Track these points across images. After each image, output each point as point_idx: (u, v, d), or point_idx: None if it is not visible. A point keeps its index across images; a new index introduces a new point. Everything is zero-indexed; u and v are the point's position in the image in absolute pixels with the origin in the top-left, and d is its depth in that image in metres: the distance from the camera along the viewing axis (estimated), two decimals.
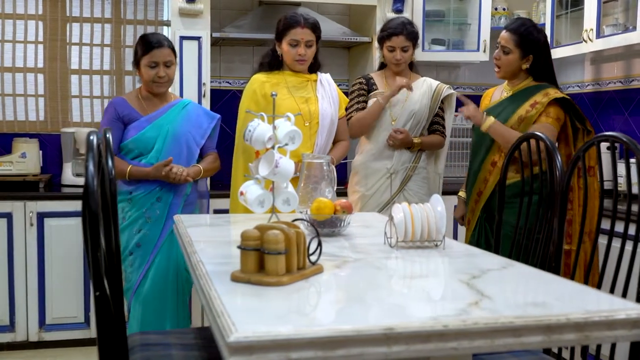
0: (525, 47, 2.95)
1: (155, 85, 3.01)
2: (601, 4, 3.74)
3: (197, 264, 1.72)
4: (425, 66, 4.52)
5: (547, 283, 1.61)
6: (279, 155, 1.87)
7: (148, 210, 2.99)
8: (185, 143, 3.04)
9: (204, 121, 3.14)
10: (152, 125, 3.00)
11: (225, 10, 4.31)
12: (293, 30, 2.98)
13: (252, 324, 1.20)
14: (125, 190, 3.01)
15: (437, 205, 1.98)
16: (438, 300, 1.43)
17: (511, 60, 2.97)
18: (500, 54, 3.00)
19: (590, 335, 1.30)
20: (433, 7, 4.45)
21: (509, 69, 3.00)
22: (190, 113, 3.10)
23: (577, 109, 2.91)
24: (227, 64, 4.47)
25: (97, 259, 1.44)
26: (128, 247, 2.99)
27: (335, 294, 1.50)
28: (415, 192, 3.44)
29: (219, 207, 3.83)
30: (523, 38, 2.95)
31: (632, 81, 4.04)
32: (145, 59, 2.97)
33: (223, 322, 1.20)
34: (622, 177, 3.44)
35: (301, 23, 2.98)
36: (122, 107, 3.01)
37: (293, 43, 2.99)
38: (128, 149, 3.00)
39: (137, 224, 2.99)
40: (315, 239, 1.64)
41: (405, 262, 1.80)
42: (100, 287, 1.44)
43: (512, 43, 2.96)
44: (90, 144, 1.51)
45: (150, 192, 3.00)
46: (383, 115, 3.42)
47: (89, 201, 1.42)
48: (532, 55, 2.97)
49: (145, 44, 2.99)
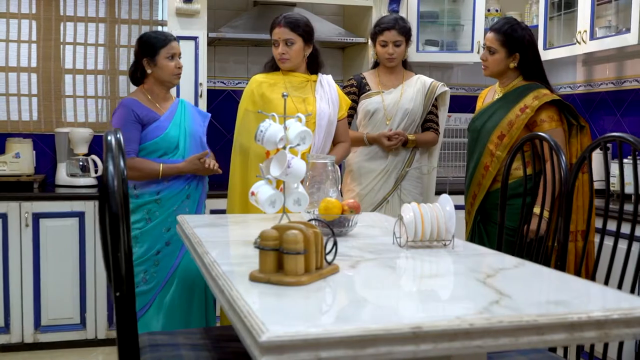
0: (510, 46, 2.98)
1: (175, 78, 3.06)
2: (595, 6, 3.79)
3: (211, 264, 1.72)
4: (419, 67, 4.54)
5: (562, 281, 1.63)
6: (291, 155, 1.88)
7: (178, 209, 2.99)
8: (199, 140, 3.11)
9: (201, 119, 3.21)
10: (172, 123, 3.03)
11: (220, 10, 4.31)
12: (273, 30, 3.06)
13: (280, 323, 1.20)
14: (153, 190, 2.98)
15: (446, 205, 1.99)
16: (460, 299, 1.44)
17: (497, 60, 3.00)
18: (487, 55, 3.03)
19: (609, 332, 1.32)
20: (427, 8, 4.48)
21: (495, 69, 3.03)
22: (191, 111, 3.16)
23: (570, 107, 2.93)
24: (221, 64, 4.47)
25: (117, 260, 1.43)
26: (155, 246, 2.98)
27: (357, 294, 1.51)
28: (410, 191, 3.47)
29: (215, 207, 3.82)
30: (507, 37, 2.97)
31: (624, 82, 4.09)
32: (164, 51, 2.99)
33: (252, 322, 1.21)
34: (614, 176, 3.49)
35: (278, 23, 3.04)
36: (138, 108, 2.99)
37: (274, 43, 3.04)
38: (151, 149, 2.99)
39: (167, 223, 2.98)
40: (331, 239, 1.65)
41: (418, 261, 1.82)
42: (120, 287, 1.44)
43: (497, 43, 2.99)
44: (109, 144, 1.50)
45: (181, 190, 3.01)
46: (377, 114, 3.45)
47: (109, 202, 1.42)
48: (519, 53, 2.99)
49: (160, 37, 3.02)
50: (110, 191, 1.42)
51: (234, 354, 2.05)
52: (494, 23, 3.15)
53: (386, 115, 3.45)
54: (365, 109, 3.47)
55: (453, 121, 4.65)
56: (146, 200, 2.98)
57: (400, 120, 3.44)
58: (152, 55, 3.00)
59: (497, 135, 2.92)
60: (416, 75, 3.56)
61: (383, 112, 3.45)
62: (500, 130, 2.92)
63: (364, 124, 3.51)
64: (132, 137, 2.94)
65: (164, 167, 2.97)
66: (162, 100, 3.09)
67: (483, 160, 2.97)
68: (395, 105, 3.44)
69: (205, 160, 2.99)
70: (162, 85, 3.06)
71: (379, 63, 3.55)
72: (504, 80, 3.06)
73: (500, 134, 2.92)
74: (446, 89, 3.52)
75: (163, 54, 2.99)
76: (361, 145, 3.47)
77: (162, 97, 3.09)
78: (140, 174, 2.96)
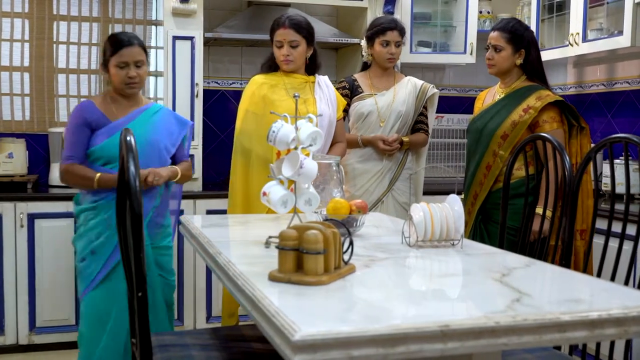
0: (516, 42, 3.03)
1: (127, 87, 2.84)
2: (587, 9, 3.84)
3: (227, 264, 1.72)
4: (411, 68, 4.58)
5: (575, 280, 1.65)
6: (303, 156, 1.89)
7: (110, 217, 2.78)
8: (156, 151, 2.87)
9: (175, 128, 2.98)
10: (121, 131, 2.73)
11: (214, 10, 4.30)
12: (277, 31, 3.03)
13: (311, 322, 1.21)
14: (90, 199, 2.83)
15: (454, 204, 2.01)
16: (482, 298, 1.46)
17: (504, 57, 3.04)
18: (493, 54, 3.06)
19: (629, 329, 1.34)
20: (420, 10, 4.51)
21: (503, 66, 3.06)
22: (161, 119, 2.94)
23: (571, 108, 2.98)
24: (215, 65, 4.46)
25: (140, 260, 1.44)
26: (82, 253, 2.84)
27: (378, 293, 1.52)
28: (403, 191, 3.50)
29: (212, 208, 3.82)
30: (512, 34, 3.03)
31: (615, 84, 4.15)
32: (114, 59, 2.80)
33: (282, 322, 1.21)
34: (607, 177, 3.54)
35: (283, 24, 3.02)
36: (89, 111, 2.83)
37: (278, 44, 3.03)
38: (96, 156, 2.81)
39: (97, 230, 2.81)
40: (347, 239, 1.66)
41: (430, 261, 1.83)
42: (142, 288, 1.44)
43: (502, 40, 3.03)
44: (129, 145, 1.50)
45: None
46: (371, 116, 3.47)
47: (132, 202, 1.42)
48: (524, 49, 3.04)
49: (114, 43, 2.81)
50: (133, 191, 1.42)
51: (243, 353, 2.05)
52: (495, 23, 3.19)
53: (380, 117, 3.47)
54: (359, 111, 3.49)
55: (445, 122, 4.68)
56: (83, 207, 2.85)
57: (394, 122, 3.46)
58: (105, 62, 2.87)
59: (501, 135, 2.96)
60: (406, 77, 3.59)
61: (377, 114, 3.47)
62: (503, 131, 2.96)
63: (357, 126, 3.52)
64: (76, 142, 2.80)
65: (101, 176, 2.78)
66: (125, 105, 2.90)
67: (485, 160, 3.00)
68: (389, 108, 3.46)
69: (147, 177, 2.76)
70: (119, 91, 2.89)
71: (368, 65, 3.58)
72: (507, 80, 3.09)
73: (504, 134, 2.95)
74: (436, 90, 3.56)
75: (113, 62, 2.81)
76: (355, 147, 3.48)
77: (126, 102, 2.90)
78: (75, 181, 2.82)
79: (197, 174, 3.85)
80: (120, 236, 1.66)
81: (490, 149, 3.01)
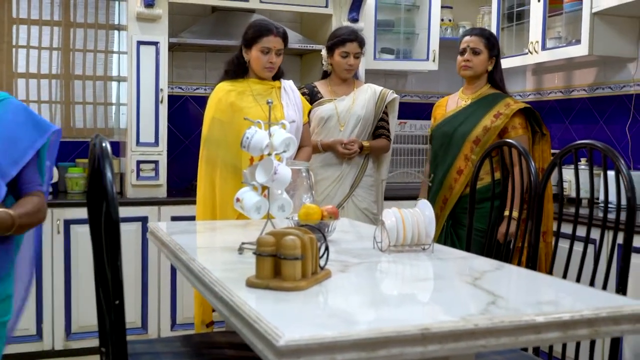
0: (491, 49, 3.14)
1: None
2: (546, 18, 3.94)
3: (201, 271, 1.71)
4: (374, 74, 4.63)
5: (544, 282, 1.69)
6: (277, 162, 1.89)
7: None
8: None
9: (23, 136, 2.02)
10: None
11: (178, 15, 4.27)
12: (266, 38, 2.98)
13: (293, 328, 1.22)
14: None
15: (425, 209, 2.04)
16: (458, 301, 1.48)
17: (482, 61, 3.13)
18: (471, 56, 3.13)
19: (599, 330, 1.38)
20: (383, 17, 4.56)
21: (479, 69, 3.15)
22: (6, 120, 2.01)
23: (537, 115, 3.06)
24: (179, 70, 4.43)
25: (117, 268, 1.42)
26: None
27: (356, 297, 1.53)
28: (364, 197, 3.53)
29: (177, 214, 3.79)
30: (489, 40, 3.14)
31: (572, 91, 4.26)
32: None
33: (265, 328, 1.22)
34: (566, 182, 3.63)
35: (274, 32, 3.00)
36: None
37: (265, 50, 2.99)
38: None
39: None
40: (323, 244, 1.67)
41: (404, 265, 1.86)
42: (120, 295, 1.43)
43: (481, 44, 3.12)
44: (105, 150, 1.48)
45: None
46: (331, 121, 3.49)
47: (109, 210, 1.40)
48: (495, 57, 3.13)
49: None
50: (110, 198, 1.40)
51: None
52: (468, 30, 3.28)
53: (339, 121, 3.49)
54: (319, 115, 3.50)
55: (408, 128, 4.74)
56: None
57: (354, 127, 3.49)
58: None
59: (473, 140, 3.02)
60: (366, 84, 3.64)
61: (336, 118, 3.49)
62: (475, 135, 3.02)
63: (317, 131, 3.53)
64: None
65: None
66: None
67: (456, 164, 3.05)
68: (348, 112, 3.49)
69: None
70: None
71: (328, 73, 3.60)
72: (475, 85, 3.16)
73: (476, 138, 3.01)
74: (395, 96, 3.60)
75: None
76: (315, 152, 3.50)
77: None
78: None
79: (161, 180, 3.82)
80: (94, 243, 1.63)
81: (462, 154, 3.06)
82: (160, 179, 3.81)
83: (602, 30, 3.62)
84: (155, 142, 3.80)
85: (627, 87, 3.84)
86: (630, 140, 3.79)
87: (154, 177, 3.80)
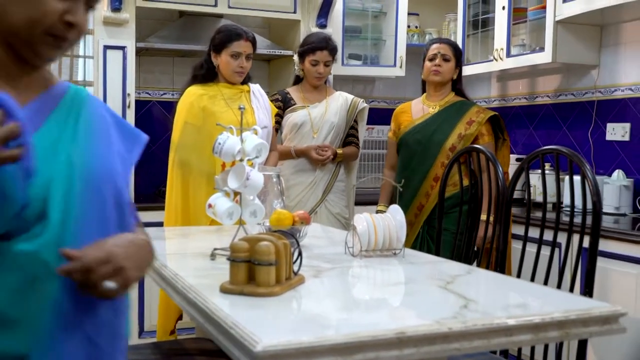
0: (458, 58, 3.22)
1: None
2: (511, 26, 4.01)
3: (174, 277, 1.71)
4: (342, 80, 4.65)
5: (515, 286, 1.72)
6: (249, 168, 1.89)
7: None
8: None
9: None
10: None
11: (145, 20, 4.24)
12: (236, 42, 2.98)
13: (270, 333, 1.22)
14: None
15: (396, 214, 2.06)
16: (432, 305, 1.50)
17: (451, 68, 3.21)
18: (442, 62, 3.19)
19: (569, 332, 1.42)
20: (351, 23, 4.59)
21: (447, 76, 3.22)
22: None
23: (501, 123, 3.12)
24: (146, 75, 4.40)
25: None
26: None
27: (330, 302, 1.54)
28: (336, 202, 3.55)
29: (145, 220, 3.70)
30: (457, 50, 3.23)
31: (536, 98, 4.34)
32: None
33: (241, 333, 1.22)
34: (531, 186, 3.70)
35: (244, 36, 3.00)
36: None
37: (235, 55, 2.99)
38: None
39: None
40: (296, 250, 1.68)
41: (376, 270, 1.87)
42: None
43: (451, 52, 3.21)
44: None
45: None
46: (304, 127, 3.50)
47: None
48: (459, 67, 3.22)
49: None
50: None
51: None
52: (436, 38, 3.38)
53: (313, 128, 3.51)
54: (292, 122, 3.51)
55: (376, 133, 4.77)
56: None
57: (327, 134, 3.51)
58: None
59: (449, 148, 3.08)
60: (338, 92, 3.66)
61: (310, 124, 3.50)
62: (451, 143, 3.08)
63: (290, 137, 3.54)
64: None
65: None
66: None
67: (433, 171, 3.09)
68: (322, 119, 3.51)
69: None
70: None
71: (300, 79, 3.62)
72: (440, 93, 3.21)
73: (452, 146, 3.07)
74: (366, 105, 3.64)
75: None
76: (289, 158, 3.50)
77: None
78: None
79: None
80: None
81: (438, 162, 3.11)
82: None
83: (565, 38, 3.71)
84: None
85: (589, 93, 3.93)
86: (592, 146, 3.88)
87: None
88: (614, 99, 3.77)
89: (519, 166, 2.21)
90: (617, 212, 3.43)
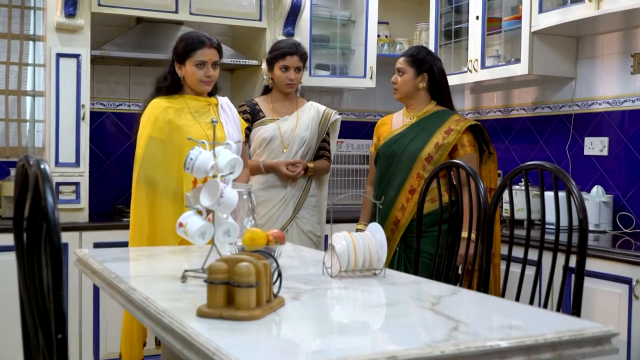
0: (417, 66, 3.22)
1: None
2: (485, 36, 4.10)
3: (145, 301, 1.70)
4: (310, 91, 4.68)
5: (503, 306, 1.76)
6: (223, 184, 1.90)
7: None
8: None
9: None
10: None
11: (100, 26, 4.21)
12: (200, 50, 2.97)
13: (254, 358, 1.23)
14: None
15: (376, 232, 2.08)
16: (420, 327, 1.53)
17: (406, 80, 3.23)
18: (397, 77, 3.24)
19: (563, 353, 1.45)
20: (319, 32, 4.63)
21: (404, 88, 3.24)
22: None
23: (485, 134, 3.17)
24: (100, 85, 4.36)
25: (59, 299, 1.39)
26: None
27: (314, 325, 1.55)
28: (307, 220, 3.56)
29: (100, 240, 3.70)
30: (414, 57, 3.24)
31: (512, 110, 4.44)
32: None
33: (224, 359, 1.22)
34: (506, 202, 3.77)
35: (207, 43, 2.99)
36: None
37: (200, 64, 2.98)
38: None
39: None
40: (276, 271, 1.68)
41: (356, 291, 1.89)
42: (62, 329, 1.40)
43: (405, 64, 3.23)
44: (45, 174, 1.46)
45: None
46: (274, 142, 3.51)
47: (51, 236, 1.38)
48: (427, 73, 3.22)
49: None
50: (52, 224, 1.38)
51: None
52: (405, 51, 3.39)
53: (283, 142, 3.51)
54: (261, 136, 3.51)
55: (345, 147, 4.81)
56: None
57: (298, 148, 3.52)
58: None
59: (425, 158, 3.09)
60: (309, 102, 3.67)
61: (280, 139, 3.50)
62: (427, 153, 3.10)
63: (258, 152, 3.54)
64: None
65: None
66: None
67: (409, 183, 3.11)
68: (292, 133, 3.51)
69: None
70: None
71: (270, 88, 3.62)
72: (415, 105, 3.24)
73: (428, 156, 3.09)
74: (338, 116, 3.66)
75: None
76: (257, 174, 3.50)
77: None
78: None
79: (82, 204, 3.74)
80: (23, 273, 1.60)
81: (414, 172, 3.12)
82: (81, 202, 3.73)
83: (542, 49, 3.81)
84: (76, 162, 3.72)
85: (565, 106, 4.04)
86: (570, 161, 3.98)
87: (75, 200, 3.71)
88: (592, 112, 3.88)
89: (501, 182, 2.26)
90: (597, 230, 3.52)
